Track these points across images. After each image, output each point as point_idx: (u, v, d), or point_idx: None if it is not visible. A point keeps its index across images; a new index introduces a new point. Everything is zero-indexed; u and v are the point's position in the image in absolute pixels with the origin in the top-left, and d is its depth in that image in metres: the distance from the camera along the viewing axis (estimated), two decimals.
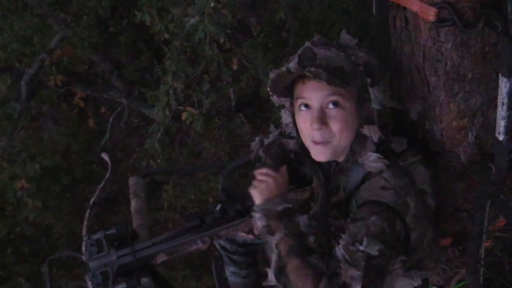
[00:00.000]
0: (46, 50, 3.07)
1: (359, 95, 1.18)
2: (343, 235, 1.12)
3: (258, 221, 1.15)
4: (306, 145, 1.27)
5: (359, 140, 1.22)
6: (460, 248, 1.59)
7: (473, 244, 1.35)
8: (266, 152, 1.49)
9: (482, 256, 1.39)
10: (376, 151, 1.20)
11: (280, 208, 1.15)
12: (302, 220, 1.15)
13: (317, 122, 1.17)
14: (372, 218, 1.13)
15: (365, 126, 1.20)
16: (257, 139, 1.53)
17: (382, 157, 1.18)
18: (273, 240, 1.12)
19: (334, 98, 1.17)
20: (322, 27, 3.16)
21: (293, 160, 1.47)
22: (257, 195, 1.19)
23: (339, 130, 1.19)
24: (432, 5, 1.06)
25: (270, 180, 1.19)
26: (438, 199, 1.29)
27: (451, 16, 1.05)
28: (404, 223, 1.15)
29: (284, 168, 1.26)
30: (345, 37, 1.24)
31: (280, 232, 1.12)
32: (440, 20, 1.07)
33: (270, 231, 1.13)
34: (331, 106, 1.17)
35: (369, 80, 1.17)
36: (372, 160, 1.19)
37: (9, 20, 3.06)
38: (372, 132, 1.20)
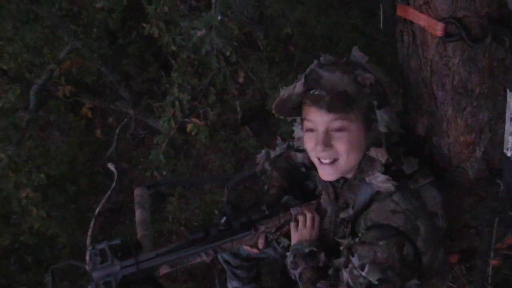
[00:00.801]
0: (56, 61, 3.10)
1: (366, 116, 1.18)
2: (352, 258, 1.15)
3: (288, 258, 1.33)
4: (314, 163, 1.27)
5: (367, 159, 1.21)
6: (468, 265, 1.58)
7: (480, 261, 1.34)
8: (272, 165, 1.50)
9: (490, 274, 1.37)
10: (385, 172, 1.19)
11: (306, 250, 1.30)
12: (321, 257, 1.28)
13: (322, 145, 1.19)
14: (380, 243, 1.14)
15: (371, 149, 1.20)
16: (263, 151, 1.54)
17: (390, 178, 1.18)
18: (296, 272, 1.29)
19: (338, 123, 1.17)
20: (329, 42, 3.18)
21: (299, 174, 1.47)
22: (295, 236, 1.34)
23: (345, 151, 1.19)
24: (440, 20, 1.07)
25: (308, 230, 1.33)
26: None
27: (459, 31, 1.06)
28: (414, 247, 1.15)
29: (318, 221, 1.36)
30: (356, 53, 1.23)
31: (301, 267, 1.28)
32: (447, 35, 1.08)
33: (295, 267, 1.30)
34: (335, 130, 1.18)
35: (375, 102, 1.16)
36: (380, 180, 1.19)
37: (20, 31, 3.11)
38: (379, 155, 1.19)
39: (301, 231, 1.33)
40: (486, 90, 1.16)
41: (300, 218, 1.35)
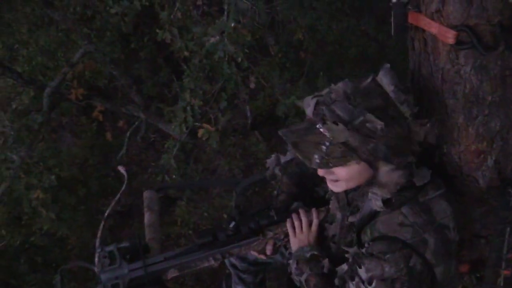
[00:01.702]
0: (69, 64, 3.14)
1: (371, 159, 1.12)
2: (359, 270, 1.15)
3: (292, 265, 1.34)
4: None
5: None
6: (478, 275, 1.56)
7: (491, 271, 1.32)
8: (283, 170, 1.49)
9: (501, 285, 1.35)
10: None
11: (308, 254, 1.32)
12: (325, 263, 1.30)
13: (321, 173, 1.20)
14: (387, 256, 1.14)
15: (373, 189, 1.17)
16: (273, 156, 1.53)
17: (382, 206, 1.16)
18: (302, 278, 1.30)
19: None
20: (339, 48, 3.18)
21: (310, 180, 1.46)
22: (294, 243, 1.35)
23: (345, 179, 1.19)
24: (452, 27, 1.07)
25: (305, 234, 1.35)
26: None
27: (471, 39, 1.05)
28: (423, 259, 1.15)
29: (315, 225, 1.37)
30: (385, 75, 1.14)
31: (306, 273, 1.29)
32: (459, 43, 1.07)
33: (300, 273, 1.31)
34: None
35: (381, 152, 1.10)
36: (378, 204, 1.18)
37: (35, 34, 3.16)
38: (377, 198, 1.17)
39: (298, 236, 1.34)
40: (498, 99, 1.15)
41: (296, 223, 1.35)
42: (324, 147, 1.11)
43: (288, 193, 1.48)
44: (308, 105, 1.17)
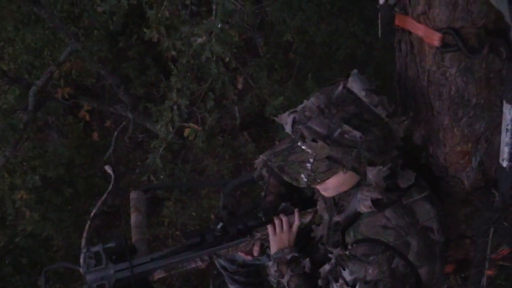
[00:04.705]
0: (56, 63, 3.11)
1: (356, 166, 1.12)
2: (343, 272, 1.17)
3: (271, 267, 1.33)
4: None
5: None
6: (463, 275, 1.57)
7: (475, 271, 1.34)
8: (270, 171, 1.49)
9: (485, 284, 1.37)
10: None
11: (288, 256, 1.31)
12: (306, 263, 1.30)
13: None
14: (370, 258, 1.15)
15: (362, 190, 1.17)
16: (261, 157, 1.53)
17: (371, 206, 1.16)
18: (284, 281, 1.30)
19: None
20: (328, 49, 3.20)
21: None
22: (273, 245, 1.34)
23: (334, 187, 1.19)
24: (437, 30, 1.08)
25: (285, 235, 1.34)
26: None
27: (456, 42, 1.06)
28: (406, 261, 1.16)
29: (296, 226, 1.36)
30: (355, 82, 1.14)
31: (288, 275, 1.29)
32: (444, 45, 1.08)
33: (281, 275, 1.30)
34: None
35: (365, 158, 1.10)
36: (366, 204, 1.18)
37: (21, 32, 3.12)
38: (365, 199, 1.17)
39: (279, 235, 1.33)
40: (483, 101, 1.17)
41: (276, 222, 1.34)
42: (309, 165, 1.12)
43: (276, 194, 1.48)
44: (286, 123, 1.17)
